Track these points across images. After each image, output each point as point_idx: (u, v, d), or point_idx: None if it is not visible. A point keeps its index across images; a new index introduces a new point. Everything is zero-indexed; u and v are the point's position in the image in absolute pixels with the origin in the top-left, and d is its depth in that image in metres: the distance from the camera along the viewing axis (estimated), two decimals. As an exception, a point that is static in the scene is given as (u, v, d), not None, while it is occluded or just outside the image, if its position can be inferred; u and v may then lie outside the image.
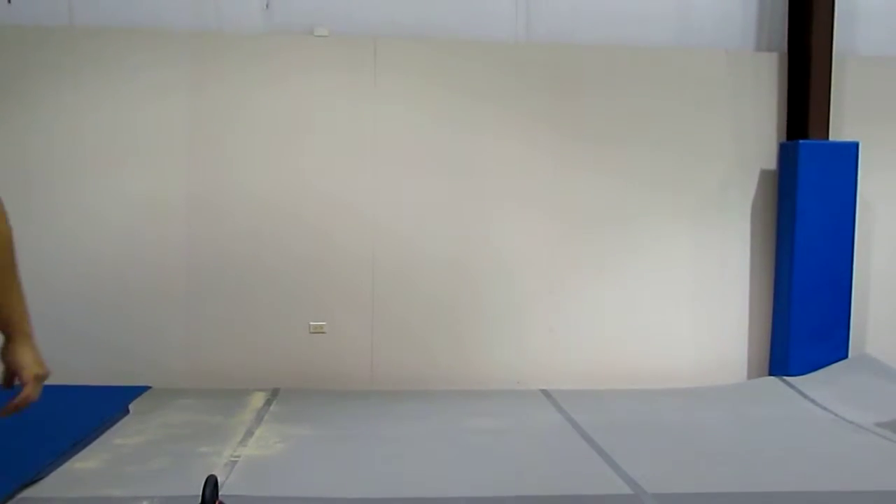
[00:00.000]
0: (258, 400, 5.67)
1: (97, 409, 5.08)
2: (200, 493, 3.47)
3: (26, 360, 1.70)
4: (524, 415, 5.52)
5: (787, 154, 6.37)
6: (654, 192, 6.36)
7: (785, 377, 6.24)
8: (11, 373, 1.75)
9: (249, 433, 4.89)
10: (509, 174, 6.24)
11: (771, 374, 6.42)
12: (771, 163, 6.50)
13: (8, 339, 1.70)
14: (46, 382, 1.80)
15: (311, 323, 6.11)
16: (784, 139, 6.47)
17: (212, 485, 3.53)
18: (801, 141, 6.25)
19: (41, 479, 3.94)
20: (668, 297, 6.40)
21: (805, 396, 5.92)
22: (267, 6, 6.11)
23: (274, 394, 5.84)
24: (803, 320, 6.25)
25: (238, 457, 4.42)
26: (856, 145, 6.29)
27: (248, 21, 6.12)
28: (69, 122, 5.91)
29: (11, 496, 3.67)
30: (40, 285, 5.80)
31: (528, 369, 6.27)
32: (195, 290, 6.05)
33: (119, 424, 4.97)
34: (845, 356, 6.32)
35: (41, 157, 5.90)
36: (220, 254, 6.02)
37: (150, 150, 5.96)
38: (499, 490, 4.01)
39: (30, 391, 1.73)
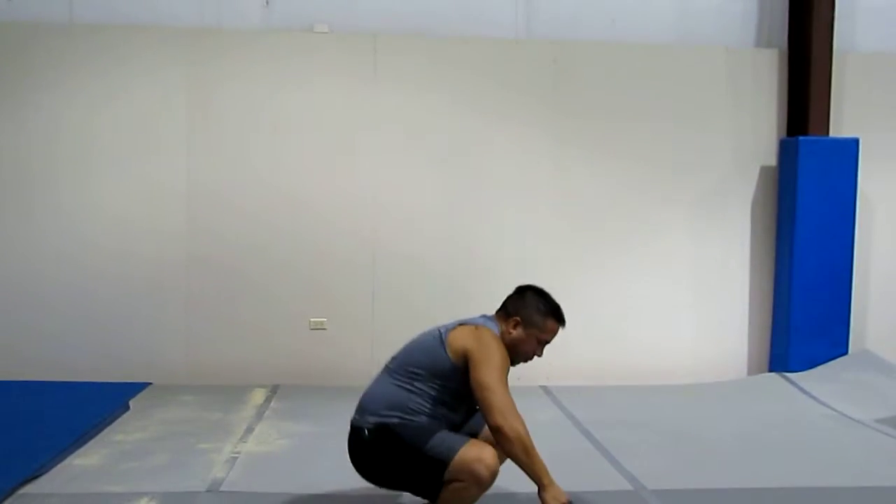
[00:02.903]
0: (258, 396, 5.68)
1: (97, 405, 5.08)
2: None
3: (547, 499, 3.18)
4: (523, 411, 5.44)
5: (787, 150, 6.37)
6: (654, 189, 6.36)
7: (785, 373, 6.25)
8: None
9: (250, 430, 4.89)
10: (509, 171, 6.23)
11: (771, 370, 6.43)
12: (771, 159, 6.50)
13: (539, 489, 3.20)
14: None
15: (312, 319, 6.11)
16: (784, 136, 6.47)
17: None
18: (801, 137, 6.25)
19: (41, 475, 3.94)
20: (668, 293, 6.40)
21: (805, 393, 5.92)
22: (267, 3, 6.11)
23: (274, 390, 5.84)
24: (803, 316, 6.25)
25: (238, 453, 4.43)
26: (856, 141, 6.29)
27: (248, 18, 6.11)
28: (68, 120, 5.91)
29: (11, 492, 3.68)
30: (41, 282, 5.88)
31: (527, 365, 6.25)
32: (195, 286, 6.05)
33: (119, 421, 4.97)
34: (845, 352, 6.32)
35: (41, 155, 5.90)
36: (220, 250, 6.03)
37: (150, 148, 5.95)
38: (498, 486, 4.01)
39: None
